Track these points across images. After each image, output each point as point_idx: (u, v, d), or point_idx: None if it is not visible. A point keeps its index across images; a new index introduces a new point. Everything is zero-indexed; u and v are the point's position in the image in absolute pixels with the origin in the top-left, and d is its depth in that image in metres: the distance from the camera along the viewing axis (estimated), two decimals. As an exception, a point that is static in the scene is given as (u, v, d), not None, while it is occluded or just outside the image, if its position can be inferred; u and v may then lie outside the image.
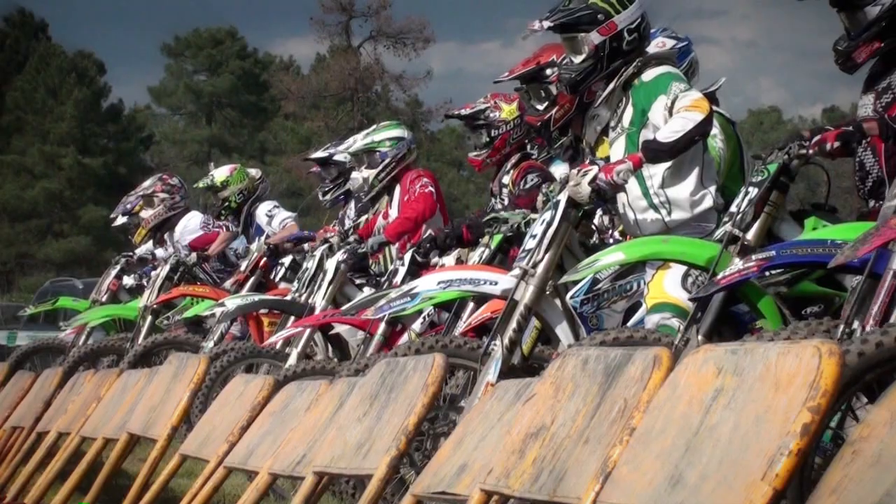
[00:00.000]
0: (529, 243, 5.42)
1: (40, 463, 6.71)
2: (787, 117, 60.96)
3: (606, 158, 5.62)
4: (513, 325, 5.30)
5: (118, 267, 11.76)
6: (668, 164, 5.47)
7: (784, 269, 4.84)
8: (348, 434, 4.19)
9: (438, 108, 46.22)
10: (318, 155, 10.57)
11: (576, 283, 5.59)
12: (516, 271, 5.41)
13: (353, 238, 8.34)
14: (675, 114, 5.36)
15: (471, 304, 6.30)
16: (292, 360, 7.49)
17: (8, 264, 48.53)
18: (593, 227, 6.03)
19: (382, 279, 7.87)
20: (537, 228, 5.43)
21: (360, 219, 9.29)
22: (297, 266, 9.04)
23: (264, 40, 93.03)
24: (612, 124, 5.72)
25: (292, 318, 8.12)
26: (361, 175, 8.77)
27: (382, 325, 7.01)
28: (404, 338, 6.91)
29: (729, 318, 5.00)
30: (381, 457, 3.87)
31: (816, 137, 4.85)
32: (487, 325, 5.95)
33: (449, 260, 7.13)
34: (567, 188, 5.34)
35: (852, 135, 4.83)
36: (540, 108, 6.61)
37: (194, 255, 10.50)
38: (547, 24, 5.67)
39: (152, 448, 5.54)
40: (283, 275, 9.53)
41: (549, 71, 6.59)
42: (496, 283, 5.49)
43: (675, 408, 2.82)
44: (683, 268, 5.29)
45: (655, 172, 5.54)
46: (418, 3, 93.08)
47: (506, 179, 7.56)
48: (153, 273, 10.71)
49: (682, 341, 4.85)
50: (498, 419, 3.64)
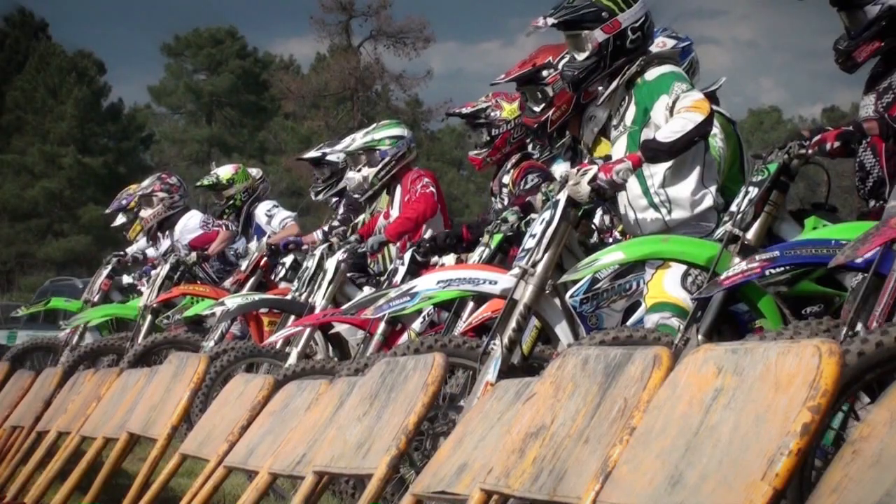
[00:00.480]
0: (529, 243, 5.41)
1: (40, 462, 6.71)
2: (787, 117, 61.00)
3: (606, 158, 5.61)
4: (512, 324, 5.30)
5: (109, 267, 11.78)
6: (668, 163, 5.47)
7: (786, 268, 4.83)
8: (348, 434, 4.18)
9: (438, 107, 46.25)
10: (311, 155, 10.57)
11: (575, 282, 5.59)
12: (516, 271, 5.40)
13: (353, 238, 8.34)
14: (675, 114, 5.35)
15: (470, 304, 6.30)
16: (292, 359, 7.49)
17: (8, 264, 48.54)
18: (593, 226, 6.03)
19: (382, 279, 7.87)
20: (537, 228, 5.43)
21: (359, 218, 9.28)
22: (298, 266, 9.04)
23: (264, 40, 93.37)
24: (614, 123, 5.72)
25: (292, 318, 8.13)
26: (361, 174, 8.77)
27: (382, 325, 7.01)
28: (404, 337, 6.91)
29: (729, 317, 5.00)
30: (381, 456, 3.87)
31: (816, 137, 4.85)
32: (487, 325, 5.94)
33: (449, 259, 7.13)
34: (566, 187, 5.33)
35: (852, 135, 4.83)
36: (537, 109, 6.60)
37: (194, 254, 10.50)
38: (551, 21, 5.67)
39: (152, 448, 5.53)
40: (284, 275, 9.53)
41: (545, 73, 6.57)
42: (496, 283, 5.49)
43: (675, 407, 2.82)
44: (683, 267, 5.28)
45: (656, 171, 5.53)
46: (418, 3, 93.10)
47: (506, 179, 7.55)
48: (153, 272, 10.72)
49: (681, 341, 4.85)
50: (498, 419, 3.64)
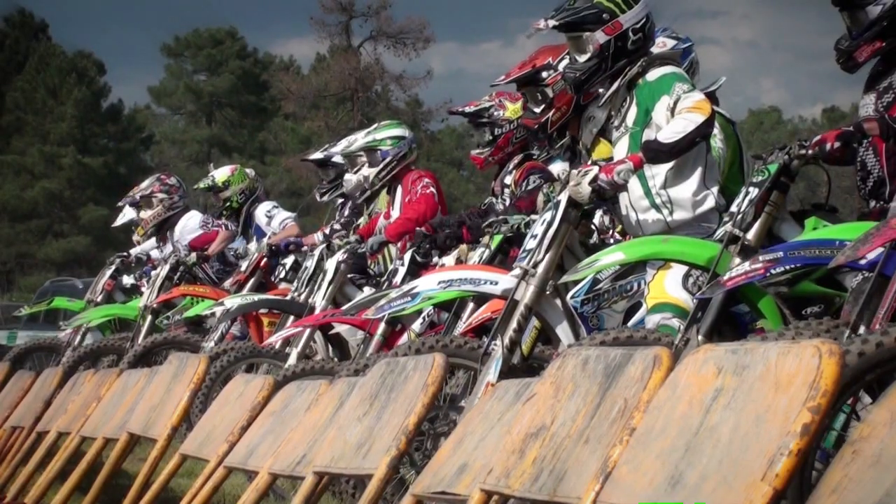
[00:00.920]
0: (530, 243, 5.41)
1: (40, 463, 6.71)
2: (787, 117, 61.05)
3: (608, 159, 5.61)
4: (513, 325, 5.30)
5: (113, 267, 11.79)
6: (670, 164, 5.47)
7: (789, 269, 4.83)
8: (348, 434, 4.18)
9: (438, 108, 46.26)
10: (316, 156, 10.58)
11: (576, 282, 5.59)
12: (516, 271, 5.40)
13: (353, 238, 8.34)
14: (676, 114, 5.35)
15: (471, 304, 6.30)
16: (292, 359, 7.49)
17: (8, 264, 48.55)
18: (593, 227, 6.02)
19: (382, 279, 7.87)
20: (538, 228, 5.43)
21: (360, 219, 9.29)
22: (298, 267, 9.05)
23: (264, 40, 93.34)
24: (615, 124, 5.72)
25: (292, 318, 8.13)
26: (361, 174, 8.77)
27: (382, 325, 7.01)
28: (404, 338, 6.91)
29: (729, 318, 5.00)
30: (381, 457, 3.87)
31: (816, 137, 4.86)
32: (487, 325, 5.94)
33: (449, 260, 7.12)
34: (567, 188, 5.33)
35: (852, 135, 4.83)
36: (537, 110, 6.60)
37: (194, 254, 10.50)
38: (552, 22, 5.67)
39: (152, 448, 5.53)
40: (284, 275, 9.53)
41: (545, 74, 6.57)
42: (496, 283, 5.49)
43: (675, 408, 2.82)
44: (684, 268, 5.29)
45: (658, 172, 5.53)
46: (418, 3, 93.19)
47: (508, 180, 7.54)
48: (153, 273, 10.71)
49: (682, 341, 4.85)
50: (498, 419, 3.64)
